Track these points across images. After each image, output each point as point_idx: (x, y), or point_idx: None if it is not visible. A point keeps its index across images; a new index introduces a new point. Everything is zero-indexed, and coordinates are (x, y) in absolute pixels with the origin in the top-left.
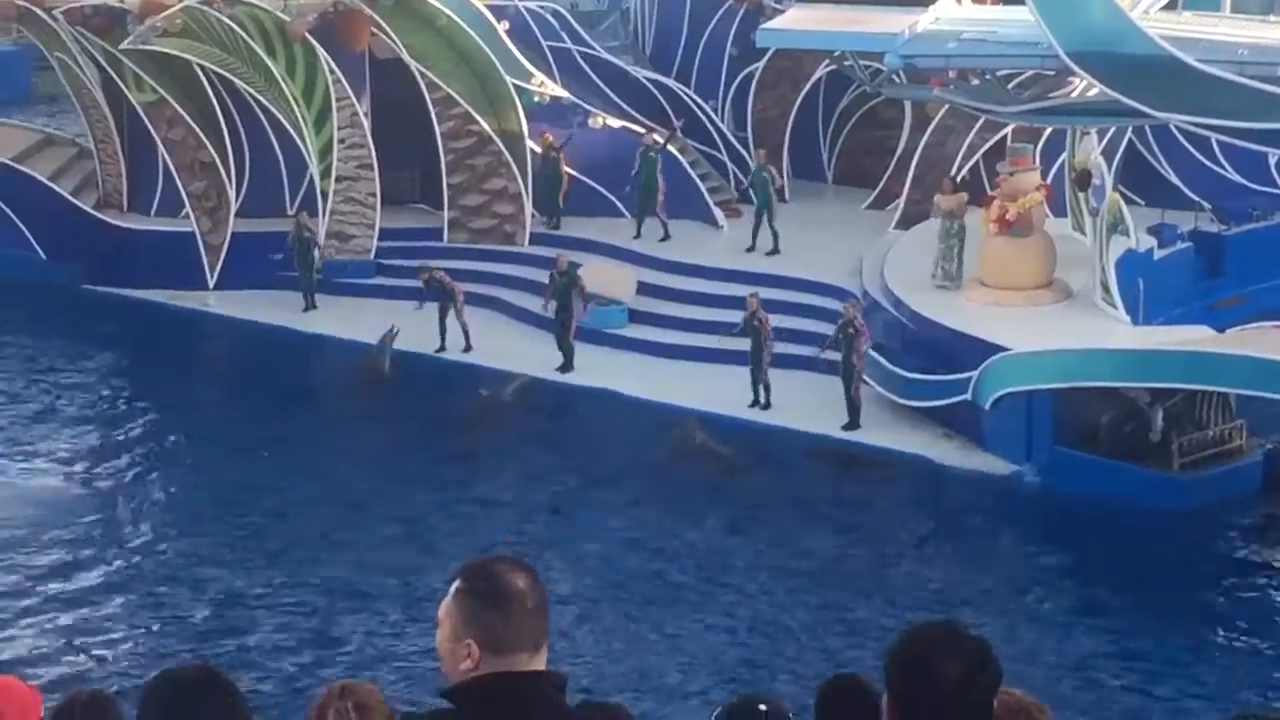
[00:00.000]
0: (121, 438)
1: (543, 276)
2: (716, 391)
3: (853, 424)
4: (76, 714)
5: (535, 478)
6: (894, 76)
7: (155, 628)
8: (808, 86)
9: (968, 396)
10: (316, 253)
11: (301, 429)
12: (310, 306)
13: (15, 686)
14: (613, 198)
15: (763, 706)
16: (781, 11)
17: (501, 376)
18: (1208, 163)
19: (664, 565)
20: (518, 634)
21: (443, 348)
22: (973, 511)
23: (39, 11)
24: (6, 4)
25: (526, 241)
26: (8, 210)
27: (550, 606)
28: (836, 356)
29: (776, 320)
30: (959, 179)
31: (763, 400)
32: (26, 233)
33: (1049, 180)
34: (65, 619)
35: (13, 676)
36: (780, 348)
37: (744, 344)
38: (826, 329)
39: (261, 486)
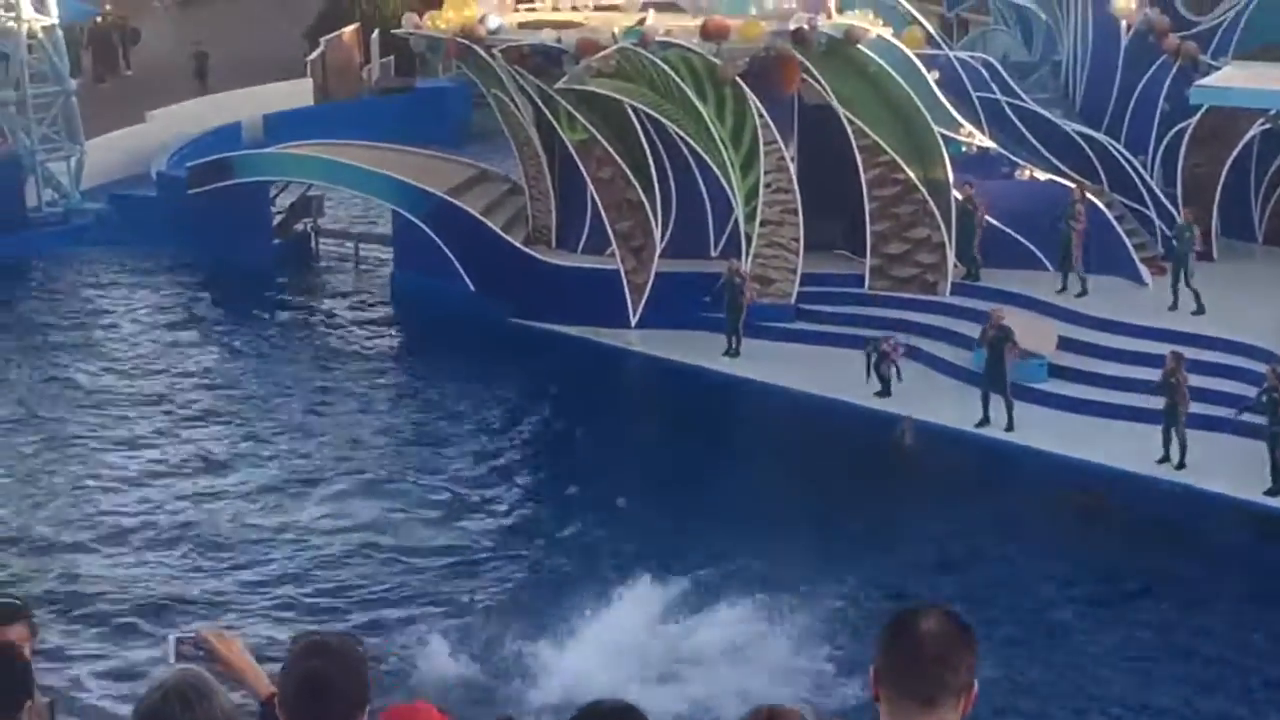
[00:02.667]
0: (536, 469)
1: (962, 327)
2: (1131, 450)
3: (1277, 489)
4: None
5: (936, 524)
6: None
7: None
8: (1240, 145)
9: None
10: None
11: (727, 467)
12: (734, 353)
13: (429, 713)
14: (1035, 249)
15: None
16: (1216, 68)
17: (922, 426)
18: None
19: (1073, 622)
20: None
21: (887, 392)
22: None
23: (479, 50)
24: (451, 43)
25: (948, 291)
26: (441, 243)
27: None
28: (1259, 420)
29: (1196, 381)
30: None
31: (1174, 459)
32: (458, 265)
33: None
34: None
35: (428, 703)
36: (1200, 408)
37: (1161, 402)
38: (1248, 391)
39: (695, 533)
